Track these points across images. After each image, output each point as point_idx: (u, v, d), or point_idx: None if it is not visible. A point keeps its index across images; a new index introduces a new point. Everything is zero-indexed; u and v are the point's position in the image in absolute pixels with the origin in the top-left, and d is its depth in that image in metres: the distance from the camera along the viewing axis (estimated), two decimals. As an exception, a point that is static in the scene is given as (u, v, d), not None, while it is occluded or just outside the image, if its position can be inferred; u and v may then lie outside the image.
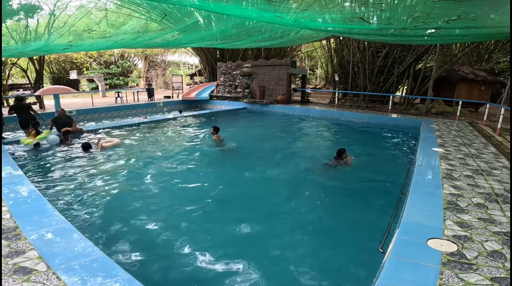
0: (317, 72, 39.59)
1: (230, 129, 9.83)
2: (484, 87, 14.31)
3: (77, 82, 28.32)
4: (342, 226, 3.85)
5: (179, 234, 3.49)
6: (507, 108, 8.78)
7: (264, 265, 2.94)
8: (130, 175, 5.43)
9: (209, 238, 3.44)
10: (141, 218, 3.84)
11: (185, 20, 7.14)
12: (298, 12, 5.81)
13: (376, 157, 6.93)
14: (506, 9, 4.63)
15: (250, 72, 15.85)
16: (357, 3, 5.66)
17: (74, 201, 4.27)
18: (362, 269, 2.92)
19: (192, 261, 2.96)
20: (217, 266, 2.89)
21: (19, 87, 23.33)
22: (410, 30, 6.25)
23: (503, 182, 4.18)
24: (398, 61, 14.04)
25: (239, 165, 6.33)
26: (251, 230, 3.60)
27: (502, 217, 3.10)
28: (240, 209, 4.24)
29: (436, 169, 4.69)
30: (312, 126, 11.18)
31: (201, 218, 3.92)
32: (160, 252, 3.12)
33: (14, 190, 3.73)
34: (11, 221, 2.93)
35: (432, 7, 5.07)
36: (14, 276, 2.12)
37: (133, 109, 14.13)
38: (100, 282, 2.07)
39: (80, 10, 6.48)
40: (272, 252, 3.16)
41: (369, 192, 4.88)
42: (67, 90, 15.46)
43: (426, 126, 8.94)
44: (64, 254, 2.38)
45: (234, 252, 3.14)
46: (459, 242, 2.60)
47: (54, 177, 5.22)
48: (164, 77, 35.51)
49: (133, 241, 3.30)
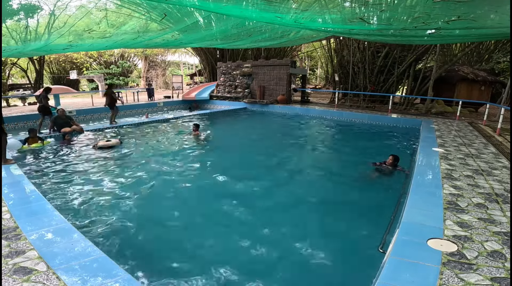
0: (317, 72, 39.60)
1: (230, 129, 9.84)
2: (484, 87, 14.31)
3: (77, 82, 28.34)
4: (342, 226, 3.84)
5: (179, 234, 3.50)
6: (507, 108, 8.78)
7: (262, 262, 2.94)
8: (130, 175, 5.43)
9: (208, 239, 3.44)
10: (141, 218, 3.84)
11: (185, 20, 7.14)
12: (298, 12, 5.81)
13: (376, 157, 6.92)
14: (506, 9, 4.62)
15: (250, 72, 15.85)
16: (357, 4, 5.66)
17: (74, 201, 4.27)
18: (362, 269, 2.92)
19: (192, 261, 2.96)
20: (218, 267, 2.89)
21: (19, 87, 23.35)
22: (410, 30, 6.24)
23: (503, 182, 4.18)
24: (398, 61, 14.04)
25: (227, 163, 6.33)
26: (250, 229, 3.61)
27: (502, 217, 3.10)
28: (238, 208, 4.24)
29: (436, 169, 4.69)
30: (312, 126, 11.18)
31: (201, 219, 3.92)
32: (160, 252, 3.12)
33: (14, 190, 3.73)
34: (11, 221, 2.93)
35: (432, 8, 5.07)
36: (14, 276, 2.12)
37: (133, 109, 14.13)
38: (100, 282, 2.07)
39: (80, 10, 6.48)
40: (272, 252, 3.16)
41: (369, 192, 4.88)
42: (67, 90, 15.48)
43: (426, 126, 8.94)
44: (64, 254, 2.38)
45: (234, 253, 3.14)
46: (459, 242, 2.60)
47: (54, 177, 5.22)
48: (164, 77, 35.52)
49: (133, 241, 3.30)
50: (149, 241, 3.33)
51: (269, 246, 3.25)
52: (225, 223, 3.79)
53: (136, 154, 6.78)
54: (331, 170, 6.11)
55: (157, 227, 3.66)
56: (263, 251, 3.15)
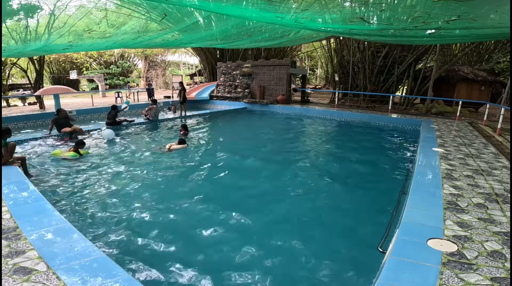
0: (317, 72, 39.59)
1: (229, 128, 9.83)
2: (484, 87, 14.31)
3: (77, 82, 28.32)
4: (342, 226, 3.84)
5: (179, 233, 3.49)
6: (507, 108, 8.78)
7: (262, 263, 2.94)
8: (131, 175, 5.43)
9: (209, 238, 3.44)
10: (141, 217, 3.84)
11: (185, 20, 7.14)
12: (298, 12, 5.81)
13: (376, 157, 6.93)
14: (506, 9, 4.62)
15: (250, 72, 15.85)
16: (357, 3, 5.66)
17: (74, 201, 4.27)
18: (362, 269, 2.92)
19: (192, 262, 2.96)
20: (219, 269, 2.89)
21: (19, 87, 23.32)
22: (410, 30, 6.25)
23: (503, 182, 4.18)
24: (398, 61, 14.04)
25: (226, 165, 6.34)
26: (248, 228, 3.61)
27: (502, 217, 3.10)
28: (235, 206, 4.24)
29: (436, 169, 4.69)
30: (312, 126, 11.18)
31: (202, 219, 3.92)
32: (160, 252, 3.12)
33: (14, 190, 3.73)
34: (11, 221, 2.93)
35: (432, 7, 5.08)
36: (14, 276, 2.12)
37: (133, 109, 14.11)
38: (100, 282, 2.07)
39: (80, 10, 6.47)
40: (271, 250, 3.16)
41: (369, 192, 4.88)
42: (67, 90, 15.46)
43: (426, 126, 8.94)
44: (64, 254, 2.38)
45: (233, 254, 3.14)
46: (459, 242, 2.60)
47: (54, 177, 5.22)
48: (164, 77, 35.50)
49: (133, 241, 3.30)
50: (149, 241, 3.32)
51: (268, 245, 3.25)
52: (225, 223, 3.79)
53: (136, 154, 6.78)
54: (331, 170, 6.11)
55: (157, 226, 3.65)
56: (261, 250, 3.15)
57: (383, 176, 5.65)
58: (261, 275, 2.76)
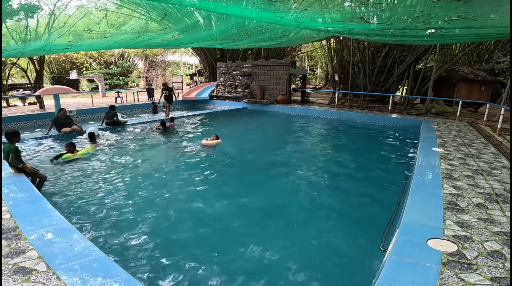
0: (317, 72, 39.58)
1: (229, 128, 9.83)
2: (484, 87, 14.31)
3: (77, 82, 28.32)
4: (342, 226, 3.85)
5: (179, 233, 3.49)
6: (507, 108, 8.78)
7: (262, 263, 2.94)
8: (131, 175, 5.43)
9: (208, 238, 3.44)
10: (141, 217, 3.84)
11: (185, 20, 7.14)
12: (298, 12, 5.81)
13: (376, 157, 6.93)
14: (506, 9, 4.63)
15: (250, 72, 15.85)
16: (357, 3, 5.66)
17: (74, 201, 4.27)
18: (362, 269, 2.92)
19: (192, 262, 2.96)
20: (219, 269, 2.89)
21: (19, 87, 23.31)
22: (410, 30, 6.25)
23: (503, 182, 4.18)
24: (398, 61, 14.03)
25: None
26: (248, 228, 3.61)
27: (502, 217, 3.10)
28: (234, 205, 4.24)
29: (436, 169, 4.69)
30: (312, 126, 11.18)
31: (202, 219, 3.92)
32: (160, 252, 3.12)
33: (14, 190, 3.73)
34: (11, 221, 2.92)
35: (432, 7, 5.07)
36: (14, 276, 2.11)
37: (134, 109, 14.14)
38: (100, 282, 2.07)
39: (80, 10, 6.48)
40: (270, 250, 3.16)
41: (369, 192, 4.88)
42: (67, 90, 15.43)
43: (426, 126, 8.94)
44: (64, 254, 2.38)
45: (234, 255, 3.14)
46: (459, 242, 2.60)
47: (54, 177, 5.22)
48: (164, 77, 35.50)
49: (133, 241, 3.30)
50: (150, 240, 3.32)
51: (267, 245, 3.25)
52: (225, 223, 3.79)
53: (136, 154, 6.78)
54: (330, 169, 6.11)
55: (157, 226, 3.65)
56: (260, 249, 3.15)
57: (383, 176, 5.65)
58: (261, 274, 2.76)
